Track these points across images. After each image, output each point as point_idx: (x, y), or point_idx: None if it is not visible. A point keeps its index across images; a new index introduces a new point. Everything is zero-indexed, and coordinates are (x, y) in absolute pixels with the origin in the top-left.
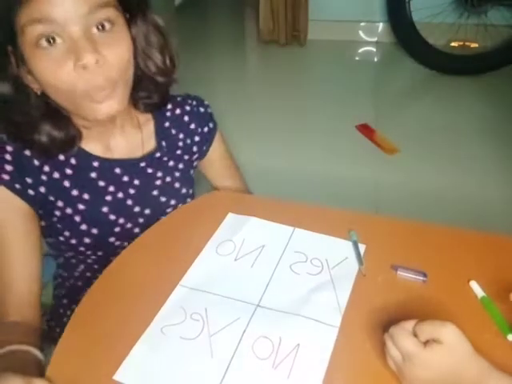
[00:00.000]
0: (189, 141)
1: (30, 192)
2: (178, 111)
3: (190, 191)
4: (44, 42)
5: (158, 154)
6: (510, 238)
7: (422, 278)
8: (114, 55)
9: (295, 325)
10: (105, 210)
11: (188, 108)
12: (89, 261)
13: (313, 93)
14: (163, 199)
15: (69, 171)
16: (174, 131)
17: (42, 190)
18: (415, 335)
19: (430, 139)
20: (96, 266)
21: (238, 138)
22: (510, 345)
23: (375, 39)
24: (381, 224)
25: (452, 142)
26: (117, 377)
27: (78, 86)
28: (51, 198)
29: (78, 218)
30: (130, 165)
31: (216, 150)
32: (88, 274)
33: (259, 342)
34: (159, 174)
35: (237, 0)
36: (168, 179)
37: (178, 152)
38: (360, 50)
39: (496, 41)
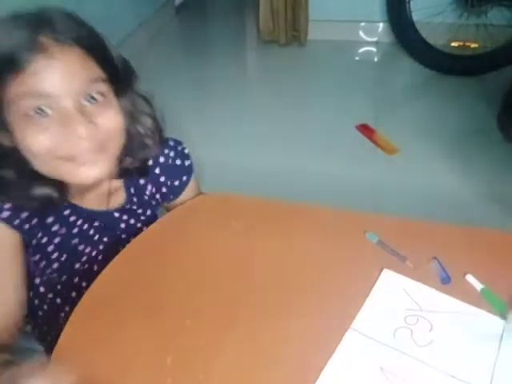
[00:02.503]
0: (154, 190)
1: (26, 226)
2: (150, 162)
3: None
4: (35, 113)
5: (127, 206)
6: (502, 234)
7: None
8: (106, 120)
9: None
10: (75, 241)
11: (162, 159)
12: (58, 287)
13: (312, 93)
14: (123, 236)
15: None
16: (142, 181)
17: (34, 221)
18: None
19: (430, 139)
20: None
21: (237, 138)
22: None
23: (375, 39)
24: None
25: (452, 142)
26: None
27: (64, 149)
28: (35, 230)
29: (51, 248)
30: (97, 213)
31: (187, 195)
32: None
33: None
34: (124, 217)
35: (237, 0)
36: (132, 221)
37: (146, 198)
38: (360, 50)
39: (496, 41)
